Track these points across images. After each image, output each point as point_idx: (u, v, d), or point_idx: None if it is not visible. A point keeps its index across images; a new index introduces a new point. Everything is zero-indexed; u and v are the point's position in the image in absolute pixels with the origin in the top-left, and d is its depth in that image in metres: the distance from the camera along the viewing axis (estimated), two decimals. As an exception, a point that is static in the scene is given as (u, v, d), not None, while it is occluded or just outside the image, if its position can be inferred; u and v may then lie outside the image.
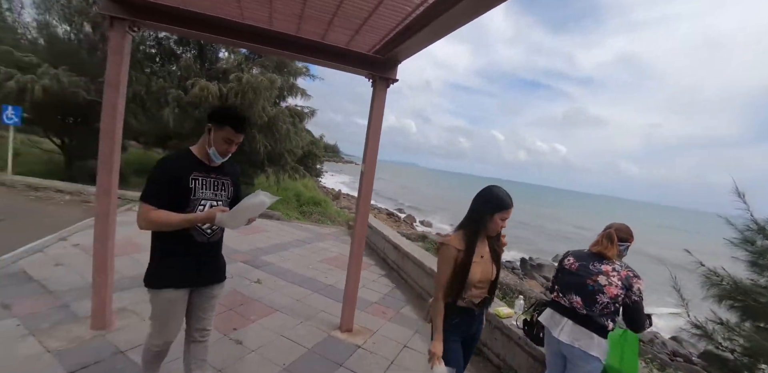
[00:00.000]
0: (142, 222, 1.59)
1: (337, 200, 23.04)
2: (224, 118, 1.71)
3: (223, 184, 1.83)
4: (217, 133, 1.70)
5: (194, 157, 1.74)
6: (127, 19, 2.52)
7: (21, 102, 8.02)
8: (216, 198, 1.78)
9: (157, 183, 1.62)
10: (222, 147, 1.72)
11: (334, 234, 7.02)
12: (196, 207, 1.70)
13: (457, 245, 1.69)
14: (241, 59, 9.55)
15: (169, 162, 1.67)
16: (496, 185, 1.78)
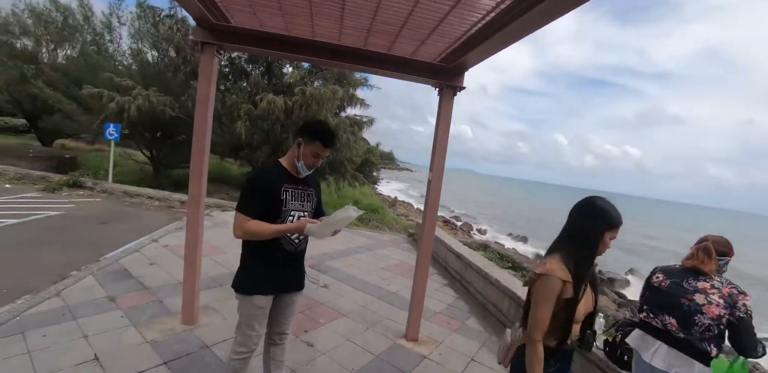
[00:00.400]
0: (238, 231, 1.69)
1: (394, 207, 23.21)
2: (315, 133, 1.77)
3: (308, 195, 1.90)
4: (306, 147, 1.77)
5: (284, 170, 1.82)
6: (215, 43, 2.79)
7: (120, 120, 9.22)
8: (303, 209, 1.86)
9: (253, 195, 1.71)
10: (310, 161, 1.80)
11: (394, 241, 7.07)
12: (286, 218, 1.78)
13: (562, 276, 1.33)
14: (304, 73, 10.10)
15: (263, 174, 1.76)
16: (600, 197, 1.47)
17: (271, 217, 1.74)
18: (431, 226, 3.11)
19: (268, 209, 1.72)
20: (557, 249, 1.44)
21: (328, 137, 1.79)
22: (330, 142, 1.80)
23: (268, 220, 1.72)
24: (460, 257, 5.17)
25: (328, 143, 1.80)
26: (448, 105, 2.98)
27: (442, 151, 3.01)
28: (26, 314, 2.91)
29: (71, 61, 13.90)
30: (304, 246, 1.94)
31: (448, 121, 3.00)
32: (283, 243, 1.82)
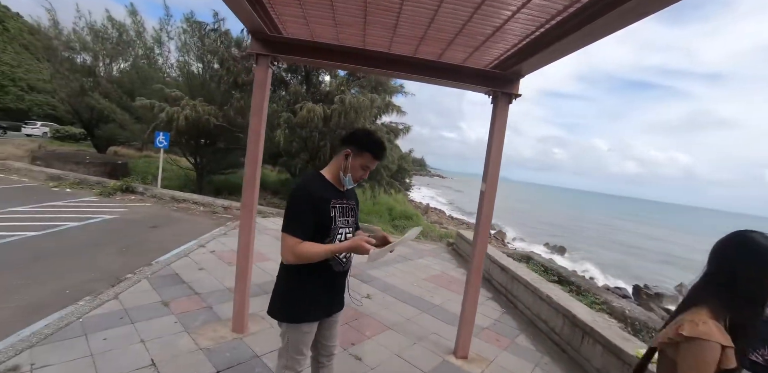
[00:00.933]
0: (289, 256, 1.52)
1: (426, 214, 22.95)
2: (366, 144, 1.65)
3: (352, 209, 1.77)
4: (356, 159, 1.65)
5: (329, 183, 1.68)
6: (269, 54, 2.83)
7: (168, 129, 9.70)
8: (348, 225, 1.73)
9: (302, 213, 1.54)
10: (358, 173, 1.68)
11: (433, 251, 6.93)
12: (335, 236, 1.64)
13: (722, 340, 1.01)
14: (342, 81, 10.24)
15: (311, 190, 1.58)
16: (760, 232, 1.13)
17: (321, 236, 1.60)
18: (484, 240, 2.97)
19: (317, 228, 1.58)
20: (703, 301, 1.13)
21: (379, 149, 1.68)
22: (381, 154, 1.69)
23: (317, 240, 1.59)
24: (505, 269, 4.96)
25: (379, 156, 1.69)
26: (502, 113, 2.86)
27: (497, 161, 2.88)
28: (88, 316, 3.04)
29: (124, 74, 14.88)
30: (350, 264, 1.82)
31: (503, 129, 2.87)
32: (333, 264, 1.67)
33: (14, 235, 4.95)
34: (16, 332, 2.80)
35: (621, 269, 19.29)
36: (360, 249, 1.53)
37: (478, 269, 3.03)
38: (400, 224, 13.27)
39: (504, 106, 2.86)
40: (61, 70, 14.54)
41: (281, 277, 1.69)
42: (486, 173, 2.89)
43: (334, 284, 1.74)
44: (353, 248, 1.55)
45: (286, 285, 1.67)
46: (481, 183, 2.96)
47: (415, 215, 15.37)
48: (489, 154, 2.89)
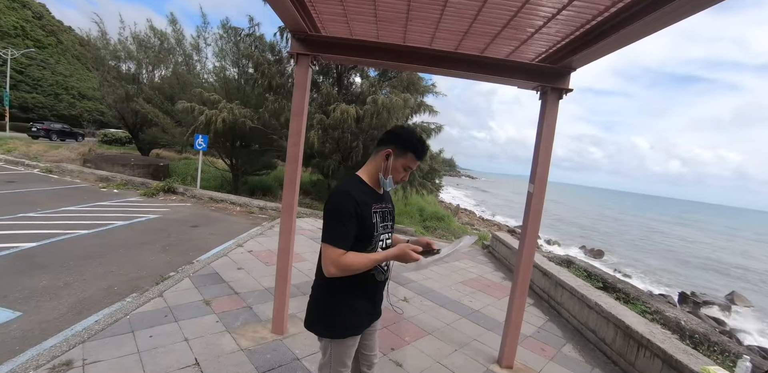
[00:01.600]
0: (332, 269, 1.39)
1: (457, 215, 22.59)
2: (409, 143, 1.53)
3: (390, 213, 1.66)
4: (398, 159, 1.53)
5: (368, 186, 1.56)
6: (309, 54, 2.80)
7: (207, 131, 10.03)
8: (388, 230, 1.62)
9: (344, 222, 1.41)
10: (399, 175, 1.56)
11: (469, 254, 6.74)
12: (377, 243, 1.54)
13: None
14: (374, 81, 10.21)
15: (353, 195, 1.44)
16: None
17: (362, 245, 1.49)
18: (531, 246, 2.80)
19: (359, 236, 1.46)
20: None
21: (423, 148, 1.56)
22: (424, 154, 1.57)
23: (358, 248, 1.47)
24: (547, 274, 4.72)
25: (422, 155, 1.57)
26: (552, 109, 2.69)
27: (546, 160, 2.71)
28: (135, 313, 3.12)
29: (165, 80, 15.58)
30: (390, 273, 1.70)
31: (552, 126, 2.70)
32: (375, 273, 1.56)
33: (67, 233, 5.24)
34: (70, 326, 2.93)
35: (664, 275, 18.16)
36: (407, 258, 1.43)
37: (525, 277, 2.87)
38: (431, 225, 13.12)
39: (554, 103, 2.69)
40: (108, 78, 15.42)
41: (320, 288, 1.57)
42: (534, 173, 2.72)
43: (375, 294, 1.64)
44: (399, 257, 1.44)
45: (326, 298, 1.55)
46: (528, 184, 2.79)
47: (446, 217, 15.16)
48: (537, 154, 2.72)
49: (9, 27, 33.91)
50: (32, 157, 12.70)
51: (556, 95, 2.68)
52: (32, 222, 5.59)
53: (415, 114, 10.67)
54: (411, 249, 1.44)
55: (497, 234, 6.86)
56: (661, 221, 59.85)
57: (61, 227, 5.46)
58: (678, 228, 49.10)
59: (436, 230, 12.39)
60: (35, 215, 6.01)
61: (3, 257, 4.18)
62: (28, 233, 5.04)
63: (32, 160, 11.44)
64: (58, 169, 10.50)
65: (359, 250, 1.47)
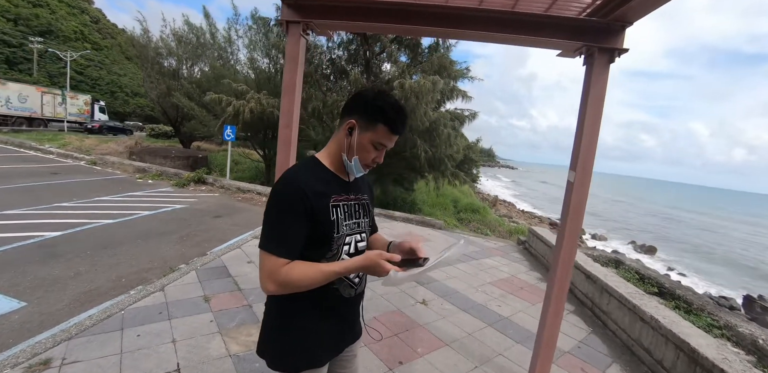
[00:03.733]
0: (270, 284, 1.00)
1: (495, 206, 21.63)
2: (379, 111, 1.07)
3: (363, 207, 1.23)
4: (364, 134, 1.09)
5: (327, 172, 1.15)
6: (300, 21, 2.41)
7: (236, 122, 10.03)
8: (360, 229, 1.22)
9: (285, 220, 1.02)
10: (368, 155, 1.11)
11: (502, 249, 6.16)
12: (340, 248, 1.14)
13: None
14: (403, 66, 9.68)
15: (298, 182, 1.04)
16: None
17: (319, 251, 1.10)
18: (572, 244, 2.27)
19: (312, 239, 1.07)
20: None
21: (398, 118, 1.09)
22: (401, 125, 1.11)
23: (314, 257, 1.09)
24: (591, 277, 4.09)
25: (398, 127, 1.10)
26: (600, 76, 2.11)
27: (591, 142, 2.15)
28: (131, 308, 2.96)
29: (203, 75, 15.96)
30: (364, 285, 1.29)
31: (600, 99, 2.12)
32: (340, 287, 1.17)
33: (93, 222, 5.30)
34: (66, 320, 2.81)
35: (725, 275, 16.26)
36: (376, 269, 1.02)
37: (563, 280, 2.35)
38: (465, 217, 12.51)
39: (603, 67, 2.10)
40: (151, 75, 16.04)
41: (268, 307, 1.19)
42: (576, 158, 2.17)
43: (343, 315, 1.23)
44: (366, 268, 1.04)
45: (276, 320, 1.16)
46: (568, 172, 2.25)
47: (482, 208, 14.43)
48: (580, 134, 2.17)
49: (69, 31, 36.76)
50: (84, 150, 13.49)
51: (606, 58, 2.10)
52: (64, 212, 5.74)
53: (447, 100, 10.03)
54: (385, 258, 1.02)
55: (534, 229, 6.21)
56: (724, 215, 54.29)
57: (89, 217, 5.55)
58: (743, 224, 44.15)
59: (471, 223, 11.77)
60: (69, 204, 6.19)
61: (26, 245, 4.24)
62: (56, 222, 5.15)
63: (81, 154, 12.11)
64: (102, 161, 11.02)
65: (314, 257, 1.08)
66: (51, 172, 9.05)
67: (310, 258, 1.07)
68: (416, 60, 10.17)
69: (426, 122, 8.36)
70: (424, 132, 9.07)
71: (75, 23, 38.16)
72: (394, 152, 10.50)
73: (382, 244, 1.34)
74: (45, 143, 13.67)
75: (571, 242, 2.29)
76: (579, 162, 2.14)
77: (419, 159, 9.00)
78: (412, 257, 1.13)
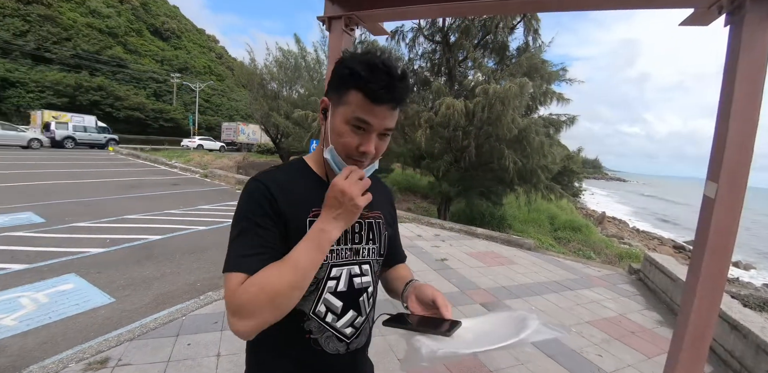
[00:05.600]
0: (229, 317, 0.67)
1: (602, 224, 18.94)
2: (348, 75, 0.72)
3: (371, 226, 0.89)
4: (336, 111, 0.76)
5: (313, 176, 0.85)
6: (341, 15, 2.18)
7: (320, 136, 10.51)
8: (358, 259, 0.85)
9: (247, 227, 0.73)
10: (349, 141, 0.75)
11: (607, 279, 5.07)
12: (323, 282, 0.80)
13: None
14: (488, 71, 9.09)
15: (266, 184, 0.77)
16: None
17: None
18: (713, 283, 1.55)
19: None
20: None
21: (376, 79, 0.70)
22: (387, 89, 0.71)
23: None
24: (739, 328, 3.00)
25: (379, 92, 0.70)
26: (756, 37, 1.41)
27: (744, 140, 1.44)
28: (192, 315, 3.01)
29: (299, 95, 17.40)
30: (366, 338, 0.91)
31: (758, 71, 1.42)
32: (320, 339, 0.81)
33: (190, 228, 5.85)
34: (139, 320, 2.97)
35: None
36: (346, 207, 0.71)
37: (700, 336, 1.62)
38: (563, 236, 11.06)
39: (760, 24, 1.41)
40: (257, 98, 18.06)
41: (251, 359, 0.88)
42: (718, 164, 1.48)
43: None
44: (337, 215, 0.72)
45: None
46: (705, 183, 1.56)
47: (585, 226, 12.66)
48: (725, 128, 1.47)
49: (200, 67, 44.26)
50: (202, 165, 15.61)
51: (765, 10, 1.41)
52: (171, 217, 6.47)
53: (540, 105, 9.07)
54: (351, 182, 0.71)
55: (652, 255, 4.99)
56: None
57: (189, 223, 6.15)
58: None
59: (570, 243, 10.33)
60: (177, 212, 6.99)
61: (131, 247, 4.78)
62: (162, 227, 5.79)
63: (199, 168, 13.98)
64: (211, 174, 12.52)
65: None
66: (172, 183, 10.54)
67: None
68: (504, 64, 9.49)
69: (514, 130, 7.59)
70: (512, 141, 8.28)
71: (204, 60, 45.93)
72: (480, 163, 9.83)
73: (402, 281, 0.95)
74: (173, 159, 16.18)
75: (713, 282, 1.56)
76: (724, 169, 1.45)
77: (507, 170, 8.20)
78: (433, 314, 0.76)
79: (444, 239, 6.35)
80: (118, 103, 31.28)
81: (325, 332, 0.81)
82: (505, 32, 9.10)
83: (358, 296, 0.85)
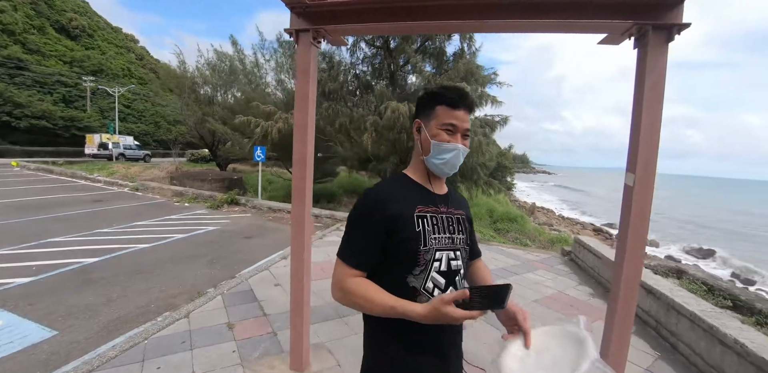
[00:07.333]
0: (335, 290, 1.02)
1: (533, 214, 20.64)
2: (431, 96, 1.07)
3: (459, 221, 1.13)
4: (429, 124, 1.06)
5: (412, 183, 1.11)
6: (309, 28, 2.27)
7: (265, 143, 10.22)
8: (453, 246, 1.07)
9: (358, 228, 1.03)
10: (445, 139, 1.05)
11: (545, 262, 5.66)
12: (429, 265, 1.01)
13: None
14: (429, 77, 9.53)
15: (379, 194, 1.04)
16: None
17: (404, 265, 1.01)
18: (635, 259, 1.90)
19: (397, 252, 1.00)
20: None
21: (452, 93, 1.04)
22: (460, 98, 1.03)
23: (400, 271, 1.01)
24: (654, 293, 3.59)
25: (455, 99, 1.03)
26: (658, 60, 1.78)
27: (651, 138, 1.81)
28: (155, 337, 2.85)
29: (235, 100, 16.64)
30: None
31: (658, 87, 1.79)
32: None
33: (130, 247, 5.41)
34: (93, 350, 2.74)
35: None
36: (445, 319, 0.84)
37: (629, 303, 1.96)
38: (502, 227, 11.91)
39: (660, 48, 1.78)
40: (189, 103, 16.94)
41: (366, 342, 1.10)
42: (634, 157, 1.84)
43: (438, 348, 1.04)
44: (431, 319, 0.87)
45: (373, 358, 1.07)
46: (626, 174, 1.91)
47: (520, 217, 13.73)
48: (638, 129, 1.83)
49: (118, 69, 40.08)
50: (129, 178, 14.29)
51: (663, 37, 1.78)
52: (104, 237, 5.91)
53: (477, 107, 9.72)
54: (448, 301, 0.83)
55: (581, 238, 5.67)
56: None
57: (126, 242, 5.68)
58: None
59: (509, 233, 11.16)
60: (109, 230, 6.40)
61: (64, 272, 4.33)
62: (95, 248, 5.29)
63: (126, 181, 12.79)
64: (144, 187, 11.55)
65: (400, 272, 1.01)
66: (94, 199, 9.55)
67: (396, 273, 1.01)
68: (442, 69, 10.01)
69: (454, 131, 8.07)
70: (453, 141, 8.79)
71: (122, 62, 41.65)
72: (424, 164, 10.25)
73: (481, 279, 1.23)
74: (94, 173, 14.60)
75: (635, 255, 1.92)
76: (639, 160, 1.80)
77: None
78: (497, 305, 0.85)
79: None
80: (18, 111, 27.03)
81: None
82: (443, 38, 9.61)
83: (454, 276, 1.05)
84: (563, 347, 0.88)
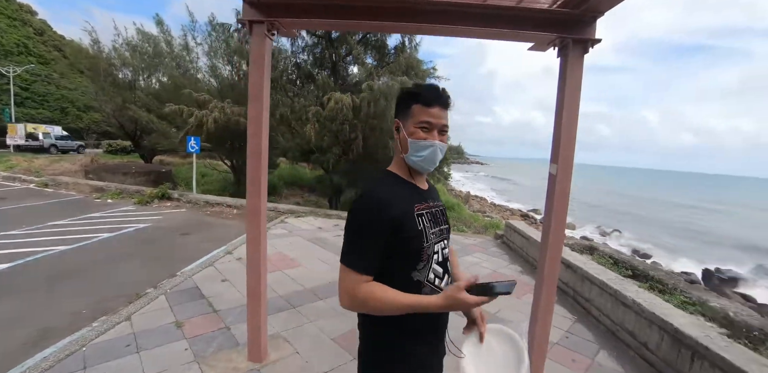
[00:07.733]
0: (346, 299, 1.01)
1: (468, 202, 21.94)
2: (408, 95, 1.11)
3: (443, 214, 1.23)
4: (407, 123, 1.10)
5: (404, 181, 1.16)
6: (264, 20, 2.25)
7: (200, 133, 9.61)
8: (443, 236, 1.18)
9: (366, 234, 1.02)
10: (422, 136, 1.09)
11: (481, 245, 6.17)
12: (430, 258, 1.09)
13: None
14: (371, 69, 9.62)
15: (377, 195, 1.05)
16: None
17: (409, 262, 1.07)
18: (558, 238, 2.23)
19: (402, 250, 1.05)
20: None
21: (427, 92, 1.08)
22: (435, 96, 1.07)
23: (406, 268, 1.07)
24: (571, 266, 4.15)
25: (431, 98, 1.07)
26: (576, 68, 2.08)
27: (570, 134, 2.12)
28: (94, 344, 2.68)
29: (161, 85, 15.20)
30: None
31: (576, 90, 2.10)
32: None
33: (48, 250, 4.86)
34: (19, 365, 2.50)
35: (683, 252, 17.20)
36: (461, 306, 0.95)
37: (552, 275, 2.30)
38: (442, 217, 12.55)
39: (578, 59, 2.08)
40: (105, 87, 15.13)
41: (365, 332, 1.15)
42: (556, 151, 2.14)
43: (437, 330, 1.17)
44: (449, 307, 0.97)
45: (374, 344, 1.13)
46: (549, 164, 2.21)
47: (457, 205, 14.59)
48: (559, 126, 2.14)
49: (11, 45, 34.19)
50: (33, 172, 12.55)
51: (580, 49, 2.08)
52: (13, 240, 5.24)
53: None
54: (463, 288, 0.95)
55: (512, 222, 6.27)
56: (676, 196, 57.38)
57: (43, 244, 5.09)
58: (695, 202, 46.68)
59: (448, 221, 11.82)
60: (18, 232, 5.67)
61: (-32, 281, 3.81)
62: (4, 253, 4.68)
63: (31, 176, 11.24)
64: (54, 182, 10.25)
65: (405, 269, 1.07)
66: (-4, 197, 8.32)
67: (402, 270, 1.06)
68: (383, 61, 10.14)
69: (397, 123, 8.30)
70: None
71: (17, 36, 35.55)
72: (367, 154, 10.37)
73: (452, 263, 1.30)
74: (-12, 166, 12.60)
75: (557, 236, 2.26)
76: (560, 154, 2.11)
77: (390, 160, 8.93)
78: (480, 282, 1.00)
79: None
80: None
81: (435, 293, 1.07)
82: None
83: (445, 263, 1.16)
84: (504, 352, 1.13)
